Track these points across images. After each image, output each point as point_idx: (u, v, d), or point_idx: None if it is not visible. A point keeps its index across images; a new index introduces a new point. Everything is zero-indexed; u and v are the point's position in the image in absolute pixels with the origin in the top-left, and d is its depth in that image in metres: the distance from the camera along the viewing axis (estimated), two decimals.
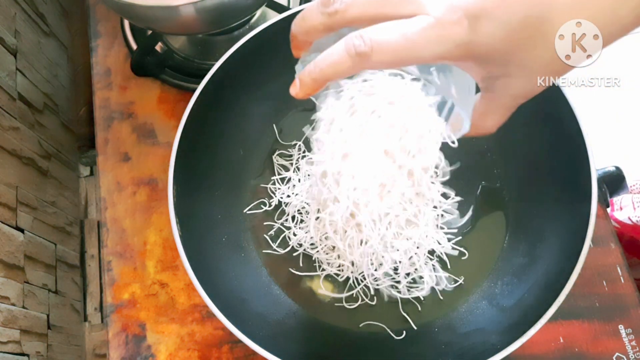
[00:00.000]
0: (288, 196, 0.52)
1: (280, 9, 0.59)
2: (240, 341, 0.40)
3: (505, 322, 0.44)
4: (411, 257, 0.47)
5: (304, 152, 0.54)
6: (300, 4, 0.61)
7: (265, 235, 0.51)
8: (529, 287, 0.45)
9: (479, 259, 0.49)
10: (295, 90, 0.32)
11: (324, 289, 0.48)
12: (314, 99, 0.41)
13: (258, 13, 0.61)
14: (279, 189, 0.52)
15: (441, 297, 0.48)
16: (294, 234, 0.50)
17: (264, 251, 0.50)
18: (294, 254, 0.50)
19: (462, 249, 0.49)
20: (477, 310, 0.47)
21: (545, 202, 0.48)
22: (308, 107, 0.56)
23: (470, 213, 0.50)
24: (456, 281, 0.48)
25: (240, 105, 0.54)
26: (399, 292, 0.47)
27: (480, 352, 0.41)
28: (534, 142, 0.50)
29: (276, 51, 0.52)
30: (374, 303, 0.47)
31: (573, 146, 0.44)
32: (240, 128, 0.54)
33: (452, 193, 0.49)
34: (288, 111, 0.56)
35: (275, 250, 0.50)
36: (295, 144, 0.54)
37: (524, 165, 0.51)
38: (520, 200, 0.50)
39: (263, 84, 0.55)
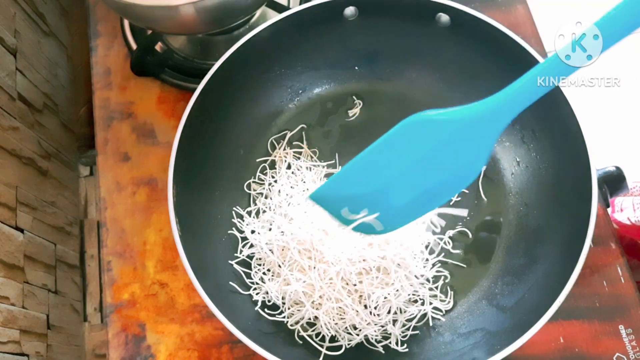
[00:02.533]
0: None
1: (280, 8, 0.59)
2: (240, 341, 0.40)
3: (505, 322, 0.44)
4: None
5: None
6: (300, 4, 0.61)
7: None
8: (529, 287, 0.45)
9: (479, 259, 0.49)
10: None
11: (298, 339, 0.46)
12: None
13: (258, 13, 0.61)
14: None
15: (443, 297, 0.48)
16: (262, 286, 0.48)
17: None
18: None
19: (458, 256, 0.49)
20: (477, 310, 0.47)
21: (546, 202, 0.48)
22: (306, 107, 0.56)
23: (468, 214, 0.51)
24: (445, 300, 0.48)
25: (240, 104, 0.54)
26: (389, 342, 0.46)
27: (480, 352, 0.41)
28: (535, 142, 0.50)
29: (276, 51, 0.53)
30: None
31: (573, 146, 0.44)
32: (240, 128, 0.54)
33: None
34: (287, 110, 0.56)
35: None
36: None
37: (524, 165, 0.51)
38: (520, 200, 0.50)
39: (263, 84, 0.55)
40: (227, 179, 0.52)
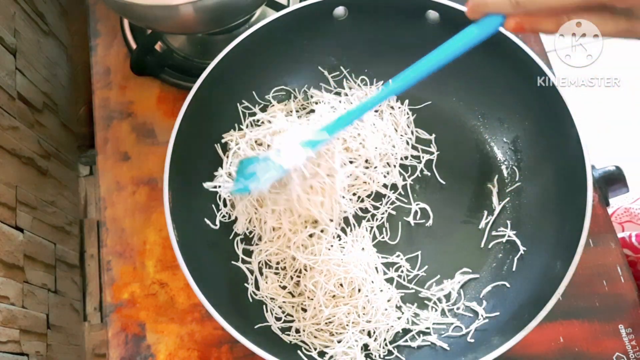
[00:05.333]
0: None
1: (279, 8, 0.59)
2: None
3: (503, 319, 0.44)
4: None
5: None
6: (300, 1, 0.61)
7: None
8: (524, 284, 0.45)
9: (476, 257, 0.49)
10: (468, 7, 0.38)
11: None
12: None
13: (257, 12, 0.61)
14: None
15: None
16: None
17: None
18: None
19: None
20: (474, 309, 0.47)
21: (542, 198, 0.48)
22: (305, 107, 0.56)
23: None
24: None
25: (237, 104, 0.54)
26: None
27: (477, 351, 0.41)
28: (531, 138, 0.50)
29: (270, 51, 0.52)
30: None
31: (568, 142, 0.44)
32: (236, 127, 0.54)
33: None
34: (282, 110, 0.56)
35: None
36: None
37: (522, 163, 0.51)
38: (518, 198, 0.50)
39: (257, 83, 0.55)
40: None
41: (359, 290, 0.46)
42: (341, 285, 0.46)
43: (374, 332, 0.45)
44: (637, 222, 0.65)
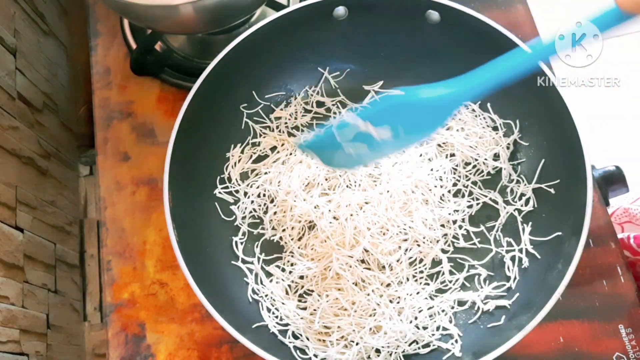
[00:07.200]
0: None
1: (280, 8, 0.59)
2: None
3: (505, 319, 0.44)
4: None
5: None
6: (300, 1, 0.61)
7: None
8: (524, 284, 0.45)
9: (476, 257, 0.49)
10: None
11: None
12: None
13: (258, 12, 0.61)
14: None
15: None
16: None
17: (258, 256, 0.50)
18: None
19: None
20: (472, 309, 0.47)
21: (542, 198, 0.48)
22: (306, 108, 0.56)
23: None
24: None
25: (237, 104, 0.54)
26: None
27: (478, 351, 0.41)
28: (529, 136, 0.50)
29: (269, 51, 0.52)
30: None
31: (568, 142, 0.44)
32: (236, 127, 0.54)
33: None
34: (283, 110, 0.56)
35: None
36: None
37: (522, 163, 0.51)
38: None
39: (260, 82, 0.55)
40: (225, 180, 0.52)
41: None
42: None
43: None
44: (636, 222, 0.65)
